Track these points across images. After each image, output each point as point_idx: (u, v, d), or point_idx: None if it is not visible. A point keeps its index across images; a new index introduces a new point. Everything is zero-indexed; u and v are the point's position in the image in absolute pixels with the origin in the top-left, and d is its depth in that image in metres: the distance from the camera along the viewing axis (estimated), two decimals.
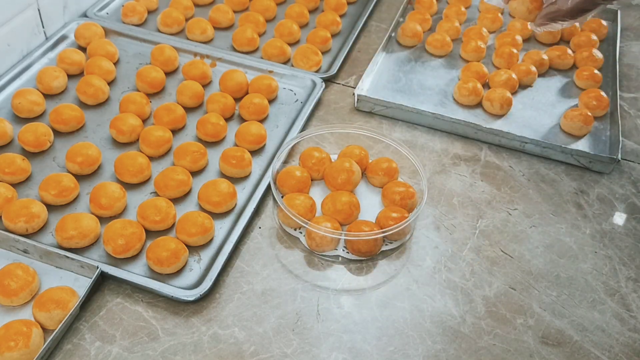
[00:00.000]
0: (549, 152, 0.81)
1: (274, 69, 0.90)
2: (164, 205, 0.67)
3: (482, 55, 0.97)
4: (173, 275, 0.63)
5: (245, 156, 0.74)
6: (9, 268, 0.60)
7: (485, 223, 0.72)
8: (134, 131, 0.77)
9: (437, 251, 0.69)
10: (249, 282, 0.64)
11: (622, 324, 0.63)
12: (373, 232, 0.64)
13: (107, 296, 0.62)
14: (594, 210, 0.75)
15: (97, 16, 0.97)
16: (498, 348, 0.60)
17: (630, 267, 0.69)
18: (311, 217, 0.68)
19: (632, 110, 0.91)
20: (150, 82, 0.85)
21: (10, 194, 0.68)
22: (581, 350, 0.61)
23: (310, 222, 0.65)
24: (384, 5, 1.10)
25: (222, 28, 1.00)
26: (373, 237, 0.65)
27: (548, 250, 0.70)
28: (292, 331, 0.60)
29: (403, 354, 0.59)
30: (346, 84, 0.92)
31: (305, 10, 1.03)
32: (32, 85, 0.84)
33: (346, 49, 0.96)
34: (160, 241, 0.64)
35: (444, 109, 0.87)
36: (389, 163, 0.74)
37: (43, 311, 0.57)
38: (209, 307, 0.61)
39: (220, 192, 0.69)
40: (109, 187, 0.68)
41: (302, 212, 0.67)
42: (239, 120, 0.83)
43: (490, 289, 0.65)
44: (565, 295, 0.65)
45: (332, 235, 0.65)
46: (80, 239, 0.64)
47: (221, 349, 0.58)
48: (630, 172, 0.81)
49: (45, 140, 0.75)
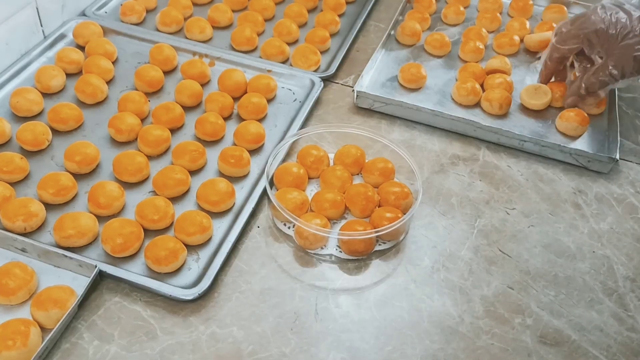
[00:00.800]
0: (547, 152, 0.81)
1: (272, 68, 0.90)
2: (162, 204, 0.67)
3: (480, 56, 0.96)
4: (171, 274, 0.63)
5: (243, 155, 0.74)
6: (7, 267, 0.60)
7: (484, 223, 0.72)
8: (133, 130, 0.77)
9: (436, 251, 0.69)
10: (247, 281, 0.64)
11: (620, 324, 0.63)
12: (365, 232, 0.64)
13: (106, 295, 0.61)
14: (592, 210, 0.75)
15: (96, 15, 0.97)
16: (496, 347, 0.60)
17: (628, 267, 0.69)
18: (301, 214, 0.68)
19: (630, 110, 0.91)
20: (148, 81, 0.84)
21: (9, 192, 0.67)
22: (579, 350, 0.61)
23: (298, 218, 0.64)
24: (382, 5, 1.10)
25: (221, 27, 1.00)
26: (365, 237, 0.65)
27: (546, 250, 0.70)
28: (291, 330, 0.60)
29: (401, 354, 0.59)
30: (345, 84, 0.92)
31: (304, 10, 1.03)
32: (31, 84, 0.84)
33: (345, 48, 0.96)
34: (159, 240, 0.64)
35: (443, 108, 0.87)
36: (385, 163, 0.74)
37: (41, 310, 0.57)
38: (207, 306, 0.61)
39: (218, 191, 0.69)
40: (107, 186, 0.68)
41: (292, 207, 0.67)
42: (237, 119, 0.83)
43: (489, 289, 0.65)
44: (563, 294, 0.66)
45: (320, 233, 0.65)
46: (79, 238, 0.64)
47: (219, 348, 0.58)
48: (629, 172, 0.81)
49: (44, 139, 0.75)
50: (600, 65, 0.79)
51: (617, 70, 0.77)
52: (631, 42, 0.75)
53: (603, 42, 0.77)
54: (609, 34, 0.76)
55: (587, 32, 0.78)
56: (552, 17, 1.07)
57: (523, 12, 1.08)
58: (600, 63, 0.79)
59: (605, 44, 0.77)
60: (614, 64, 0.77)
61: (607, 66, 0.77)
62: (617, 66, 0.77)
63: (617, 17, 0.75)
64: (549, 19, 1.07)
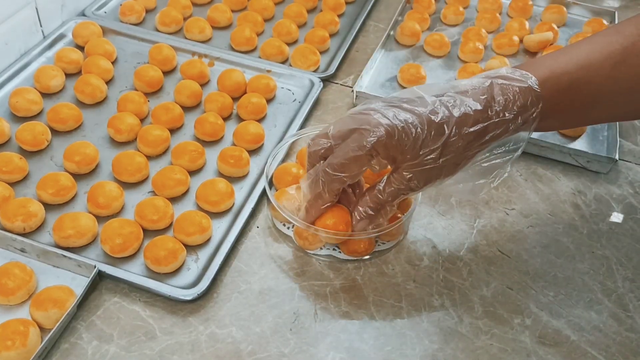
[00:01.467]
0: (546, 152, 0.81)
1: (272, 68, 0.90)
2: (161, 204, 0.67)
3: (480, 56, 0.97)
4: (171, 274, 0.63)
5: (243, 155, 0.74)
6: (6, 267, 0.60)
7: (483, 223, 0.72)
8: (132, 130, 0.77)
9: (435, 251, 0.69)
10: (246, 281, 0.64)
11: (619, 324, 0.63)
12: (365, 232, 0.64)
13: (105, 295, 0.61)
14: (591, 211, 0.75)
15: (95, 15, 0.97)
16: (495, 348, 0.60)
17: (628, 267, 0.69)
18: None
19: None
20: (148, 81, 0.84)
21: (8, 193, 0.67)
22: (578, 350, 0.61)
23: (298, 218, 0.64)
24: (382, 5, 1.10)
25: (221, 27, 1.00)
26: (365, 237, 0.65)
27: (545, 250, 0.70)
28: (290, 330, 0.60)
29: (400, 354, 0.59)
30: (344, 84, 0.92)
31: (304, 10, 1.03)
32: (30, 84, 0.84)
33: (344, 48, 0.96)
34: (158, 240, 0.64)
35: None
36: None
37: (40, 310, 0.57)
38: (206, 306, 0.61)
39: (218, 191, 0.69)
40: (106, 186, 0.68)
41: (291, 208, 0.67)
42: (237, 119, 0.83)
43: (488, 289, 0.65)
44: (563, 295, 0.66)
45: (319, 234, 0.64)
46: (78, 238, 0.64)
47: (219, 349, 0.58)
48: (628, 172, 0.81)
49: (43, 139, 0.75)
50: (392, 179, 0.59)
51: (418, 180, 0.58)
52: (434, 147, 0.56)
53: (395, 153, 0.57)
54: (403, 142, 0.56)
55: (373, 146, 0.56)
56: (551, 17, 1.07)
57: (522, 12, 1.08)
58: (389, 176, 0.60)
59: (397, 155, 0.57)
60: (411, 174, 0.58)
61: (402, 177, 0.58)
62: (417, 176, 0.58)
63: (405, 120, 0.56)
64: (548, 19, 1.07)
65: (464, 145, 0.57)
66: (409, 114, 0.56)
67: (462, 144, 0.57)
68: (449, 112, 0.56)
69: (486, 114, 0.57)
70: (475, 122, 0.57)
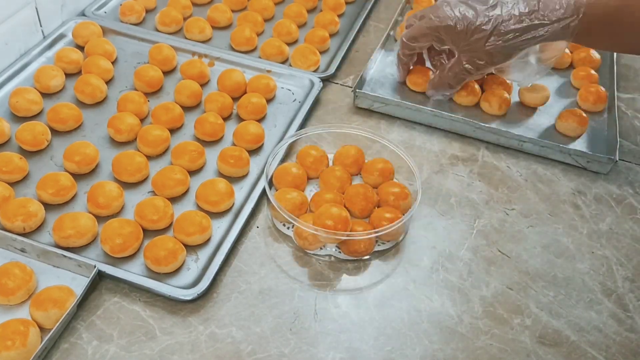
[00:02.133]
0: (546, 152, 0.81)
1: (272, 68, 0.90)
2: (161, 204, 0.67)
3: None
4: (171, 274, 0.63)
5: (243, 156, 0.74)
6: (6, 267, 0.60)
7: (483, 223, 0.72)
8: (132, 130, 0.77)
9: (435, 251, 0.69)
10: (246, 281, 0.64)
11: (619, 324, 0.63)
12: (365, 232, 0.64)
13: (105, 295, 0.61)
14: (591, 211, 0.75)
15: (95, 15, 0.97)
16: (495, 348, 0.60)
17: (627, 267, 0.69)
18: (301, 215, 0.68)
19: (629, 111, 0.91)
20: (148, 81, 0.84)
21: (8, 192, 0.67)
22: (578, 350, 0.61)
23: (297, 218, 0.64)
24: (382, 5, 1.10)
25: (221, 27, 1.00)
26: (364, 237, 0.65)
27: (545, 251, 0.70)
28: (290, 331, 0.60)
29: (400, 354, 0.59)
30: (344, 84, 0.92)
31: (304, 10, 1.03)
32: (30, 84, 0.84)
33: (344, 48, 0.96)
34: (158, 240, 0.64)
35: (442, 109, 0.87)
36: (385, 164, 0.74)
37: (40, 310, 0.57)
38: (206, 306, 0.61)
39: (218, 191, 0.69)
40: (106, 186, 0.68)
41: (291, 208, 0.67)
42: (237, 119, 0.83)
43: (488, 289, 0.65)
44: (562, 295, 0.66)
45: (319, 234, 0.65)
46: (78, 238, 0.64)
47: (218, 349, 0.58)
48: (628, 172, 0.81)
49: (43, 139, 0.75)
50: (454, 62, 0.80)
51: (471, 64, 0.78)
52: (480, 37, 0.75)
53: (453, 38, 0.77)
54: (458, 30, 0.76)
55: (436, 28, 0.78)
56: None
57: None
58: (453, 60, 0.80)
59: (455, 40, 0.77)
60: (467, 59, 0.78)
61: (460, 62, 0.79)
62: (470, 61, 0.78)
63: (463, 13, 0.76)
64: None
65: (508, 39, 0.74)
66: (470, 10, 0.75)
67: (505, 37, 0.73)
68: (500, 11, 0.74)
69: (530, 16, 0.73)
70: (519, 22, 0.73)
